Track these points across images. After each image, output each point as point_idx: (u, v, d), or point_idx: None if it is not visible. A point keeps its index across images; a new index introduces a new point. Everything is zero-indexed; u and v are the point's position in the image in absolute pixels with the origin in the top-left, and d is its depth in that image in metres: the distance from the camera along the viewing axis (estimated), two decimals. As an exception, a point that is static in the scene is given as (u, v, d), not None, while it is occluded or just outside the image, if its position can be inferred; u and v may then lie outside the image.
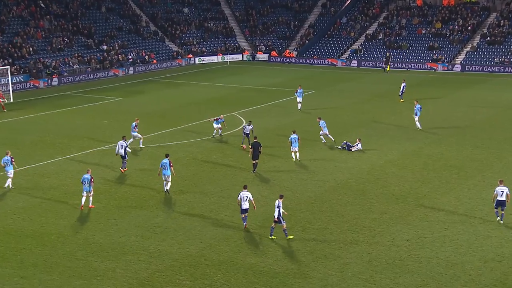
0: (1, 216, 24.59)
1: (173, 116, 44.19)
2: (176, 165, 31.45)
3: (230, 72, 67.74)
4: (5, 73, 52.67)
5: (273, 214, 25.12)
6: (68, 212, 25.10)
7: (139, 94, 53.57)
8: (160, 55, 73.02)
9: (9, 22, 64.10)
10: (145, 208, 25.67)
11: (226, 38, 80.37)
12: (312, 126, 40.74)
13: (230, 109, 45.72)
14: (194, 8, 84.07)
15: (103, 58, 65.85)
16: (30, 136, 37.61)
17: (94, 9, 74.62)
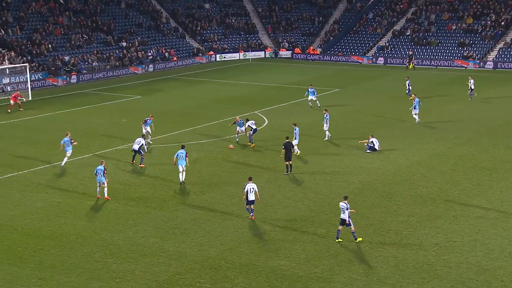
0: (19, 216, 24.94)
1: (193, 115, 44.36)
2: (196, 165, 31.60)
3: (252, 69, 67.77)
4: (23, 71, 53.35)
5: (296, 215, 25.07)
6: (87, 213, 25.37)
7: (159, 92, 53.91)
8: (181, 52, 73.40)
9: (28, 19, 64.94)
10: (164, 209, 25.83)
11: (248, 35, 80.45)
12: (335, 125, 40.61)
13: (251, 108, 45.76)
14: (215, 4, 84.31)
15: (123, 55, 66.40)
16: (48, 135, 38.09)
17: (114, 5, 75.28)
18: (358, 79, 60.95)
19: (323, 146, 35.58)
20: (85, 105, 47.81)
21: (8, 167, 31.17)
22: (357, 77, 62.02)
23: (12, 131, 39.44)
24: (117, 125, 41.01)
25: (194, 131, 39.35)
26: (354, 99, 50.10)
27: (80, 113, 45.41)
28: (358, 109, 46.03)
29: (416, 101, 40.36)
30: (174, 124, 41.27)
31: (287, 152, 30.01)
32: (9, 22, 62.67)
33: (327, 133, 36.64)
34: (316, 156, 33.45)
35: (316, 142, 36.43)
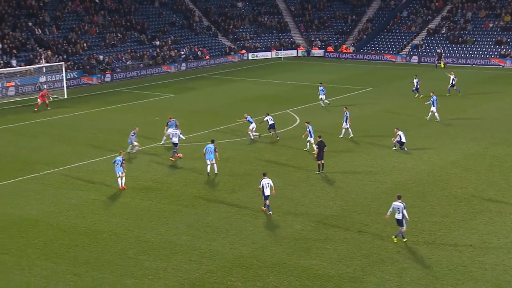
0: (55, 212, 25.41)
1: (225, 113, 44.54)
2: (227, 163, 31.74)
3: (284, 68, 67.68)
4: (59, 69, 54.25)
5: (328, 215, 24.97)
6: (120, 210, 25.69)
7: (191, 91, 54.25)
8: (213, 51, 73.72)
9: (64, 18, 66.04)
10: (196, 207, 26.00)
11: (280, 33, 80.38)
12: (368, 124, 40.30)
13: (283, 107, 45.71)
14: (248, 3, 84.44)
15: (156, 54, 67.03)
16: (83, 133, 38.68)
17: (147, 4, 76.02)
18: (391, 78, 60.35)
19: (355, 145, 35.34)
20: (119, 103, 48.40)
21: (45, 165, 31.77)
22: (390, 76, 61.40)
23: (48, 129, 40.18)
24: (150, 123, 41.42)
25: (226, 130, 39.50)
26: (386, 98, 49.62)
27: (114, 111, 46.00)
28: (391, 108, 45.58)
29: (434, 99, 40.47)
30: (206, 123, 41.48)
31: (320, 151, 29.98)
32: (46, 22, 63.80)
33: (347, 131, 36.60)
34: (348, 156, 33.24)
35: (347, 141, 36.21)
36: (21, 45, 58.70)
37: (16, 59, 56.36)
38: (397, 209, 21.99)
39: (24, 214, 25.16)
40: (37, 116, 43.61)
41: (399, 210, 21.98)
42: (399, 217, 22.00)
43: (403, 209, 22.00)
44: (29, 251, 21.85)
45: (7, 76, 52.84)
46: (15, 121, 42.12)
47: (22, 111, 46.07)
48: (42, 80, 54.12)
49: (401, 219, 22.01)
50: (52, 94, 52.03)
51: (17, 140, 37.00)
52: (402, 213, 21.98)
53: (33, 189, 28.09)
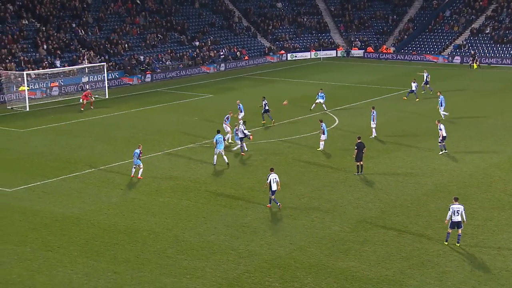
0: (96, 211, 25.84)
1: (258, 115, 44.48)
2: (265, 164, 31.76)
3: (323, 69, 67.36)
4: (101, 70, 55.16)
5: (367, 216, 24.73)
6: (159, 209, 25.96)
7: (230, 91, 54.44)
8: (252, 51, 73.85)
9: (107, 19, 67.13)
10: (234, 207, 26.07)
11: (319, 34, 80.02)
12: (408, 125, 39.79)
13: (322, 107, 45.45)
14: (287, 3, 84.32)
15: (195, 54, 67.55)
16: (123, 132, 39.23)
17: (188, 5, 76.67)
18: (433, 78, 59.34)
19: (394, 146, 34.91)
20: (159, 103, 48.90)
21: (86, 164, 32.33)
22: (432, 77, 60.37)
23: (90, 128, 40.90)
24: (189, 123, 41.74)
25: (264, 131, 39.50)
26: (428, 99, 48.85)
27: (154, 111, 46.51)
28: (432, 109, 44.87)
29: (442, 98, 40.55)
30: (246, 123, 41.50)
31: (359, 152, 29.75)
32: (89, 23, 64.97)
33: (374, 131, 36.35)
34: (387, 157, 32.86)
35: (387, 143, 35.79)
36: (65, 46, 59.93)
37: (60, 60, 57.56)
38: (457, 211, 21.58)
39: (66, 212, 25.66)
40: (79, 116, 44.43)
41: (458, 212, 21.59)
42: (457, 219, 21.60)
43: (463, 211, 21.61)
44: (71, 248, 22.27)
45: (51, 77, 54.04)
46: (58, 121, 43.00)
47: (65, 110, 47.01)
48: (84, 81, 55.12)
49: (460, 221, 21.61)
50: (94, 94, 52.92)
51: (59, 139, 37.78)
52: (461, 215, 21.59)
53: (75, 188, 28.63)
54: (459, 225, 21.68)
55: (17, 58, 55.06)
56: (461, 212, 21.57)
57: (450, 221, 21.74)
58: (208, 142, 36.12)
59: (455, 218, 21.60)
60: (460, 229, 21.77)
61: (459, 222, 21.63)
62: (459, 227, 21.73)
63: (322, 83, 57.65)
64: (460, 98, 48.78)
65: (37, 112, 46.64)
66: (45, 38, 59.42)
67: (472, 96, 49.39)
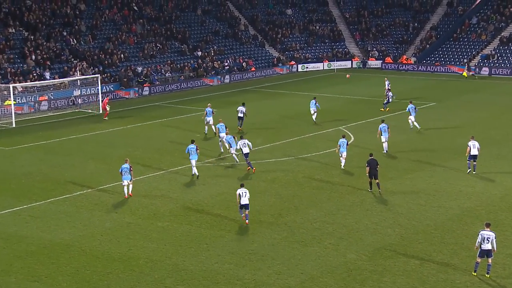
0: (88, 236, 25.89)
1: (272, 130, 44.66)
2: (274, 185, 31.79)
3: (337, 81, 67.55)
4: (95, 82, 55.43)
5: (386, 243, 24.65)
6: (157, 235, 25.99)
7: (235, 105, 54.49)
8: (259, 62, 74.26)
9: (101, 27, 67.66)
10: (240, 233, 26.07)
11: (333, 43, 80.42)
12: (430, 143, 39.76)
13: (336, 123, 45.56)
14: (298, 9, 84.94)
15: (197, 65, 67.96)
16: (118, 150, 39.41)
17: (189, 12, 77.34)
18: (458, 91, 59.46)
19: (416, 165, 34.89)
20: (157, 118, 49.13)
21: (77, 185, 32.47)
22: (457, 90, 60.51)
23: (82, 146, 41.11)
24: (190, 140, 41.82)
25: (273, 148, 39.58)
26: (453, 114, 48.89)
27: (152, 127, 46.72)
28: (458, 125, 44.85)
29: (411, 107, 42.94)
30: (251, 140, 41.61)
31: (371, 169, 30.02)
32: (81, 31, 65.45)
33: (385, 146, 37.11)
34: (408, 177, 32.83)
35: (407, 161, 35.79)
36: (55, 56, 60.41)
37: (50, 72, 57.96)
38: (487, 239, 21.43)
39: (55, 238, 25.73)
40: (69, 133, 44.69)
41: (488, 240, 21.42)
42: (488, 247, 21.44)
43: (494, 239, 21.48)
44: (60, 278, 22.29)
45: (40, 90, 54.41)
46: (47, 138, 43.28)
47: (55, 127, 47.33)
48: (76, 94, 55.50)
49: (490, 250, 21.48)
50: (86, 108, 53.35)
51: (49, 158, 38.00)
52: (492, 243, 21.44)
53: (65, 211, 28.73)
54: (489, 253, 21.56)
55: (2, 70, 55.60)
56: (492, 240, 21.45)
57: (479, 249, 21.63)
58: (211, 160, 36.21)
59: (485, 246, 21.46)
60: (490, 259, 21.66)
61: (489, 250, 21.51)
62: (489, 256, 21.62)
63: (336, 96, 57.83)
64: (488, 114, 48.77)
65: (24, 128, 46.99)
66: (33, 47, 59.96)
67: (502, 111, 49.37)
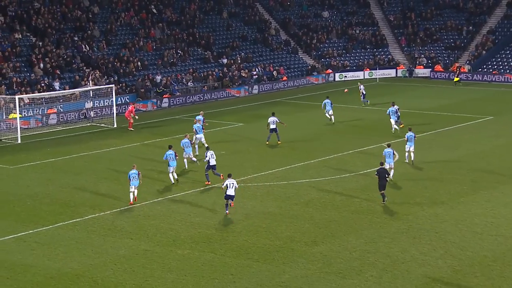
0: (100, 265, 26.02)
1: (305, 147, 44.56)
2: (308, 208, 31.70)
3: (379, 91, 67.25)
4: (109, 93, 55.85)
5: (436, 276, 24.40)
6: (177, 264, 26.05)
7: (264, 119, 54.48)
8: (292, 71, 74.39)
9: (116, 32, 68.38)
10: (269, 262, 26.01)
11: (375, 49, 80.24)
12: (487, 164, 39.36)
13: (378, 139, 45.32)
14: (336, 11, 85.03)
15: (222, 74, 68.30)
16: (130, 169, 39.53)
17: (214, 15, 77.90)
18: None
19: (471, 188, 34.52)
20: (177, 133, 49.20)
21: (89, 207, 32.73)
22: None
23: (94, 164, 41.48)
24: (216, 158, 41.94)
25: (307, 167, 39.48)
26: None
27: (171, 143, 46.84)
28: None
29: (394, 109, 46.68)
30: (283, 158, 41.65)
31: (381, 180, 31.52)
32: (94, 37, 66.18)
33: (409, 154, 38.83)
34: (461, 202, 32.50)
35: (461, 184, 35.46)
36: (66, 65, 61.14)
37: (59, 81, 58.65)
38: None
39: (63, 267, 25.91)
40: (80, 149, 45.11)
41: None
42: None
43: None
44: (68, 311, 22.44)
45: (49, 102, 55.00)
46: (56, 155, 43.73)
47: (64, 142, 47.82)
48: (88, 106, 55.88)
49: None
50: (100, 122, 53.83)
51: (57, 178, 38.38)
52: None
53: (75, 237, 28.94)
54: None
55: (8, 79, 56.34)
56: None
57: None
58: (236, 181, 36.28)
59: None
60: None
61: None
62: None
63: (377, 109, 57.56)
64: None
65: (30, 144, 47.56)
66: (41, 55, 60.73)
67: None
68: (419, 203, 32.44)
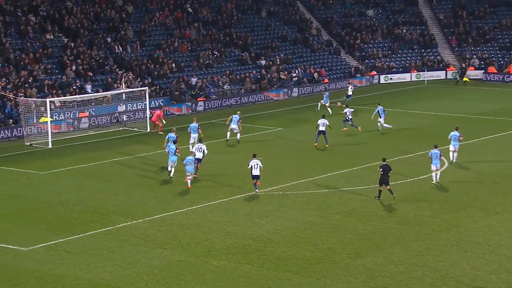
0: (132, 277, 26.19)
1: (348, 153, 44.40)
2: (350, 218, 31.56)
3: (427, 94, 66.74)
4: (142, 96, 56.24)
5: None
6: (212, 276, 26.10)
7: (304, 124, 54.60)
8: (334, 72, 74.21)
9: (150, 32, 68.99)
10: (309, 275, 25.92)
11: (423, 49, 79.64)
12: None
13: (426, 145, 44.84)
14: (381, 10, 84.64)
15: (261, 76, 68.39)
16: (165, 176, 39.84)
17: (252, 14, 78.11)
18: None
19: None
20: (213, 139, 49.40)
21: (121, 215, 32.99)
22: None
23: (126, 170, 41.79)
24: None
25: (350, 174, 39.32)
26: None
27: (208, 149, 47.03)
28: None
29: (380, 109, 49.24)
30: (324, 164, 41.53)
31: (384, 176, 33.04)
32: (128, 37, 66.81)
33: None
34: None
35: None
36: (98, 66, 61.81)
37: (92, 84, 59.27)
38: None
39: (95, 278, 26.14)
40: (113, 155, 45.50)
41: None
42: None
43: None
44: (99, 323, 22.64)
45: (80, 105, 55.60)
46: (87, 161, 44.16)
47: (96, 148, 48.29)
48: (121, 110, 56.39)
49: None
50: (132, 126, 54.27)
51: (88, 184, 38.76)
52: None
53: (107, 246, 29.20)
54: None
55: (39, 82, 57.05)
56: None
57: None
58: (275, 188, 36.29)
59: None
60: None
61: None
62: None
63: (426, 113, 57.10)
64: None
65: (61, 149, 48.08)
66: (73, 56, 61.43)
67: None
68: (470, 214, 32.06)
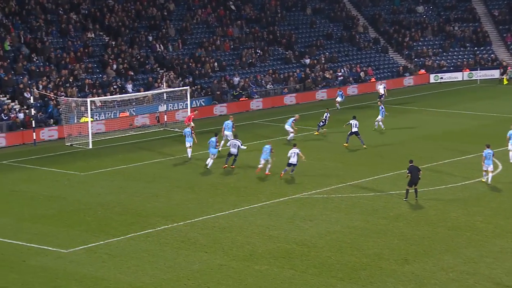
0: (172, 281, 26.36)
1: (395, 155, 44.07)
2: (397, 223, 31.41)
3: (480, 95, 66.02)
4: (183, 96, 56.47)
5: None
6: (254, 280, 26.15)
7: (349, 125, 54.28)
8: (381, 71, 73.79)
9: (192, 31, 69.35)
10: (354, 281, 25.84)
11: (476, 47, 78.73)
12: None
13: (479, 147, 44.31)
14: (432, 6, 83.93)
15: (305, 75, 68.31)
16: (208, 177, 40.06)
17: (297, 11, 78.05)
18: None
19: None
20: (256, 139, 49.29)
21: (161, 218, 33.22)
22: None
23: (167, 171, 42.09)
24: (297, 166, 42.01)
25: (397, 177, 39.02)
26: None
27: (248, 150, 46.99)
28: None
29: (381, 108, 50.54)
30: (370, 167, 41.33)
31: (413, 177, 33.63)
32: (169, 36, 67.29)
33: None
34: None
35: None
36: (139, 65, 62.32)
37: (132, 83, 59.79)
38: None
39: (135, 281, 26.37)
40: (153, 156, 45.85)
41: None
42: None
43: None
44: (139, 328, 22.85)
45: (121, 105, 56.14)
46: (127, 162, 44.58)
47: (137, 148, 48.74)
48: (161, 109, 56.73)
49: None
50: (173, 127, 54.59)
51: (128, 186, 39.13)
52: None
53: (147, 249, 29.44)
54: None
55: (80, 81, 57.75)
56: None
57: None
58: (319, 191, 36.22)
59: None
60: None
61: None
62: None
63: (480, 114, 56.47)
64: None
65: (101, 150, 48.63)
66: (114, 55, 62.07)
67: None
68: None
